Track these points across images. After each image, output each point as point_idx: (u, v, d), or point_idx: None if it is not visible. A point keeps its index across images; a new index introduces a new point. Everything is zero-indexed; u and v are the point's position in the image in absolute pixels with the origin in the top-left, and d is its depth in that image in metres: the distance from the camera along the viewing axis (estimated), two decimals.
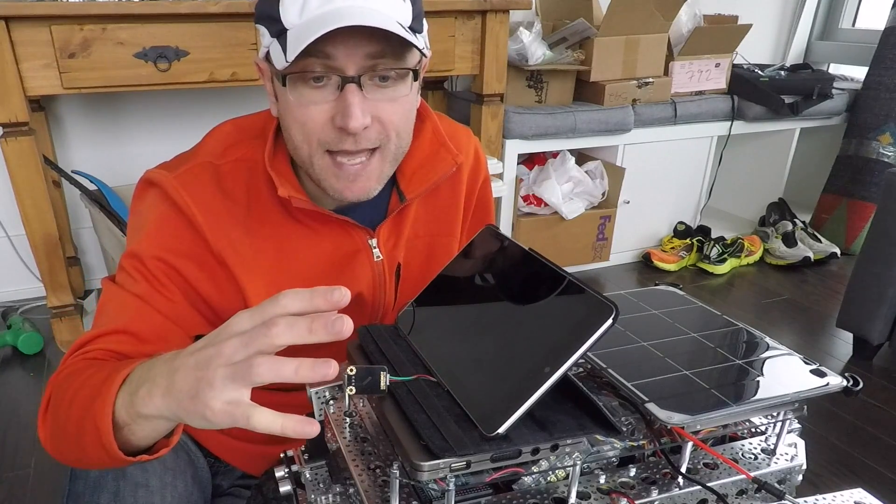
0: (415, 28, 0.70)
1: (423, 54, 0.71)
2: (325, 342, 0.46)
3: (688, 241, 2.59)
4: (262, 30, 0.71)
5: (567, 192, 2.35)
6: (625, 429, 0.57)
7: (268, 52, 0.71)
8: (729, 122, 2.56)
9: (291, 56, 0.65)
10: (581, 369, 0.66)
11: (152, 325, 0.73)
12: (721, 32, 2.45)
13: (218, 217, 0.76)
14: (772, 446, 0.62)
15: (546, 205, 2.33)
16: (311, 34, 0.64)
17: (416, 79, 0.73)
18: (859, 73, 2.79)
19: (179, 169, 0.77)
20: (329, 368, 0.47)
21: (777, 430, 0.63)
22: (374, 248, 0.84)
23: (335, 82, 0.68)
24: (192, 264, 0.76)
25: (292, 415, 0.48)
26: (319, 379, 0.47)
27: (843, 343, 2.06)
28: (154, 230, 0.75)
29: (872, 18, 2.98)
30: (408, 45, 0.69)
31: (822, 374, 0.61)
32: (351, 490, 0.60)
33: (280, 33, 0.68)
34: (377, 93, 0.70)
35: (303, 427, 0.47)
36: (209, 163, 0.77)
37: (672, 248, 2.60)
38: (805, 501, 0.55)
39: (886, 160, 2.60)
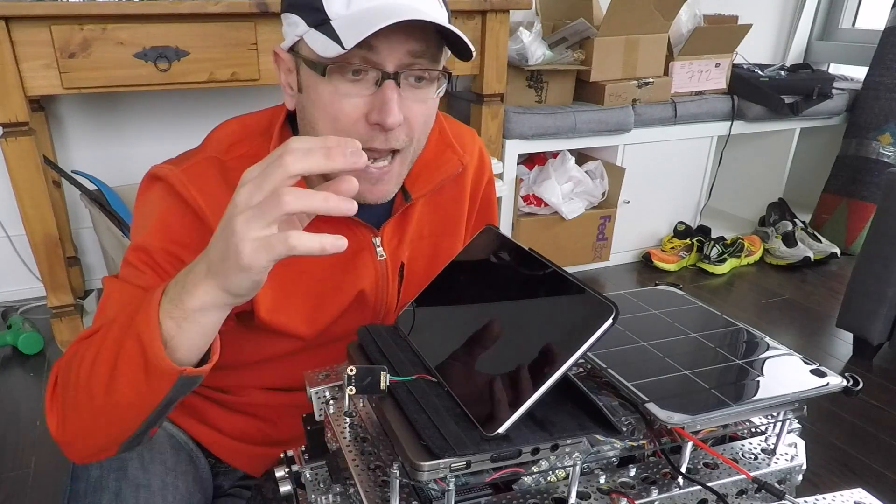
0: None
1: (466, 56, 0.71)
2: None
3: (688, 241, 2.59)
4: (296, 18, 0.69)
5: (567, 192, 2.35)
6: (625, 429, 0.57)
7: (296, 42, 0.71)
8: (729, 122, 2.56)
9: (350, 44, 0.64)
10: (581, 369, 0.66)
11: None
12: (721, 32, 2.45)
13: (221, 203, 0.76)
14: (772, 446, 0.62)
15: (546, 205, 2.33)
16: (368, 25, 0.63)
17: (448, 81, 0.73)
18: (859, 73, 2.79)
19: (185, 163, 0.77)
20: (353, 205, 0.50)
21: (777, 430, 0.63)
22: (378, 246, 0.84)
23: (373, 77, 0.68)
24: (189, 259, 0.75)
25: (326, 234, 0.50)
26: (346, 210, 0.50)
27: (843, 343, 2.06)
28: (161, 223, 0.75)
29: (872, 18, 2.98)
30: (441, 49, 0.70)
31: (822, 374, 0.61)
32: (351, 490, 0.60)
33: (321, 23, 0.67)
34: (410, 92, 0.70)
35: (337, 241, 0.50)
36: (215, 158, 0.77)
37: (672, 248, 2.60)
38: (805, 501, 0.55)
39: (886, 160, 2.60)
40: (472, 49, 0.70)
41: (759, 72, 2.66)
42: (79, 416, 0.63)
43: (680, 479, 0.57)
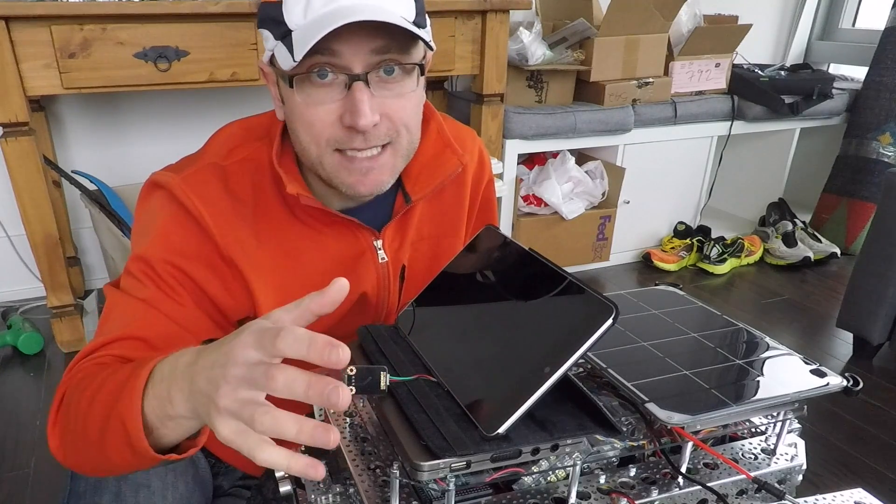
0: (419, 23, 0.70)
1: (428, 47, 0.71)
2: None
3: (688, 241, 2.59)
4: (266, 34, 0.70)
5: (567, 192, 2.35)
6: (625, 429, 0.57)
7: (272, 56, 0.71)
8: (729, 122, 2.56)
9: (299, 55, 0.65)
10: (581, 369, 0.66)
11: (162, 330, 0.72)
12: (721, 32, 2.45)
13: (226, 218, 0.76)
14: (772, 446, 0.62)
15: (546, 205, 2.33)
16: (317, 32, 0.63)
17: (422, 73, 0.73)
18: (859, 73, 2.79)
19: (186, 171, 0.76)
20: (329, 435, 0.46)
21: (777, 430, 0.63)
22: (379, 249, 0.84)
23: (342, 81, 0.68)
24: (202, 266, 0.75)
25: (300, 456, 0.47)
26: (319, 443, 0.46)
27: (843, 343, 2.06)
28: (162, 233, 0.75)
29: (872, 18, 2.98)
30: (413, 40, 0.69)
31: (822, 374, 0.61)
32: (351, 490, 0.60)
33: (285, 35, 0.67)
34: (384, 89, 0.70)
35: (307, 470, 0.47)
36: (215, 164, 0.77)
37: (672, 248, 2.60)
38: (805, 501, 0.55)
39: (886, 160, 2.60)
40: (429, 42, 0.69)
41: (759, 72, 2.66)
42: (77, 451, 0.64)
43: (680, 479, 0.57)
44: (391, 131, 0.72)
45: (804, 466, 0.62)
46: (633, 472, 0.58)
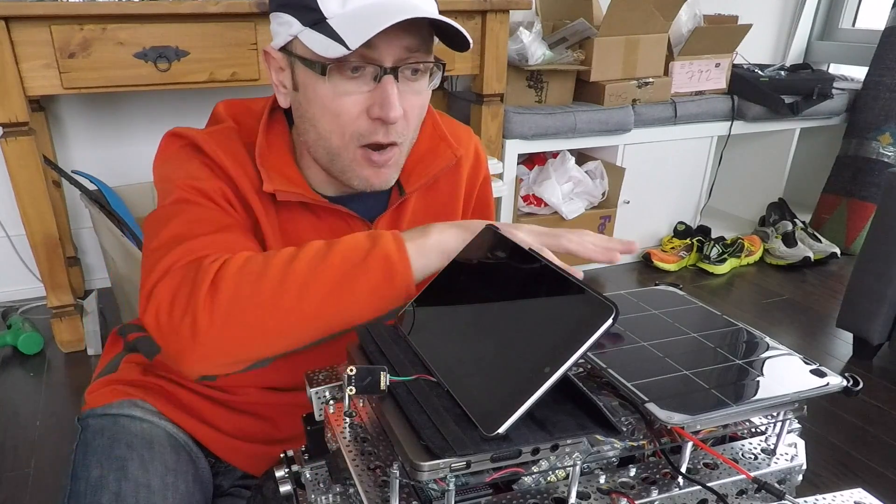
0: None
1: (466, 46, 0.72)
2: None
3: (688, 241, 2.59)
4: (288, 18, 0.70)
5: (567, 192, 2.35)
6: (625, 429, 0.57)
7: (290, 42, 0.71)
8: (729, 122, 2.56)
9: (354, 44, 0.65)
10: (581, 369, 0.66)
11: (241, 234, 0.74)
12: (721, 32, 2.45)
13: (246, 172, 0.77)
14: (772, 446, 0.62)
15: (546, 205, 2.33)
16: (371, 24, 0.64)
17: (442, 72, 0.75)
18: (859, 73, 2.79)
19: (206, 129, 0.79)
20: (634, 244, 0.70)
21: (777, 430, 0.63)
22: None
23: (371, 73, 0.69)
24: (232, 206, 0.76)
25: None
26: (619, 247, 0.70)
27: (843, 343, 2.06)
28: (195, 169, 0.75)
29: (872, 18, 2.98)
30: (431, 40, 0.72)
31: (822, 374, 0.61)
32: (351, 490, 0.60)
33: (317, 22, 0.67)
34: (407, 85, 0.72)
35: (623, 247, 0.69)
36: (232, 127, 0.79)
37: (672, 248, 2.60)
38: (805, 501, 0.55)
39: (886, 160, 2.60)
40: (470, 40, 0.71)
41: (759, 72, 2.66)
42: (252, 315, 0.62)
43: (680, 479, 0.57)
44: (405, 129, 0.74)
45: (804, 466, 0.62)
46: (633, 472, 0.58)
